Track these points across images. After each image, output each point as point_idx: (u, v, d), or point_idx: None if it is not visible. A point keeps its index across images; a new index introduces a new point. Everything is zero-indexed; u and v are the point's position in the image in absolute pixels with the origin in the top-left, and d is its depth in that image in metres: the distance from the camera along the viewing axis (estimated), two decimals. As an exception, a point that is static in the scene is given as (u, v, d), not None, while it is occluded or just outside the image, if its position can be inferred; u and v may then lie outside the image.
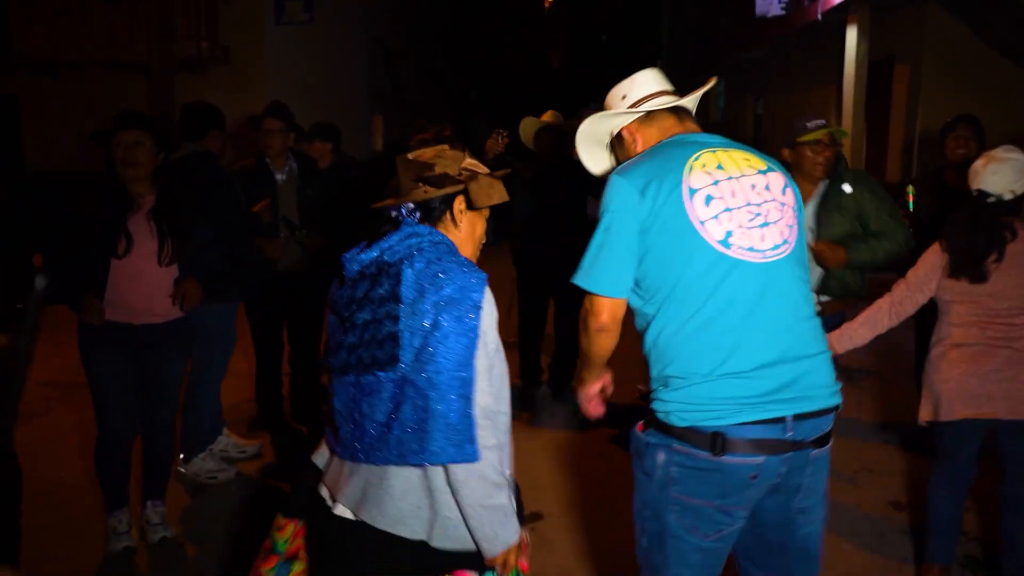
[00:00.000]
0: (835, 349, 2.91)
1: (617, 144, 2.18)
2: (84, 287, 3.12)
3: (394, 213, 1.79)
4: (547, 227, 4.89)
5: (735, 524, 1.88)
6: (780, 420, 1.79)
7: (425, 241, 1.73)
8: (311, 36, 12.44)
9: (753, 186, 1.91)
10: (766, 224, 1.89)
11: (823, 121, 3.31)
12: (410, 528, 1.70)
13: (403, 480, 1.70)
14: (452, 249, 1.77)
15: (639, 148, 2.08)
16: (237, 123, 4.33)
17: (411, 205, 1.78)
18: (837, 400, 1.90)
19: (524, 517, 1.84)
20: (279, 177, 4.38)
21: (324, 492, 1.85)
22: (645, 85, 2.14)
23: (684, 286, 1.84)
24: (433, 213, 1.80)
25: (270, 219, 4.23)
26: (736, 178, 1.91)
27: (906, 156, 10.10)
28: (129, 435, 3.33)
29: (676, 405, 1.83)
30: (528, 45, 39.91)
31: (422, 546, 1.71)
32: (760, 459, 1.79)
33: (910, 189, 3.91)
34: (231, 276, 3.93)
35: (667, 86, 2.16)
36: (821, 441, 1.88)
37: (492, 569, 1.74)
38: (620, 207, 1.89)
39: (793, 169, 3.29)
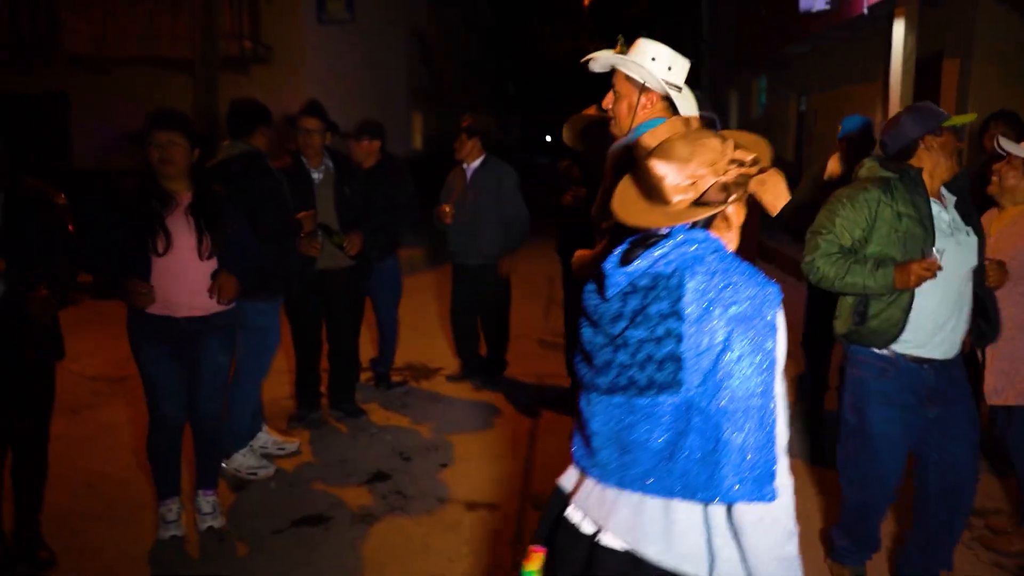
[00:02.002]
0: None
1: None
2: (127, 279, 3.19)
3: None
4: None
5: None
6: None
7: (703, 249, 1.52)
8: (351, 33, 12.54)
9: None
10: None
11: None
12: (694, 566, 1.54)
13: (687, 514, 1.54)
14: (734, 256, 1.56)
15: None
16: (277, 122, 4.36)
17: None
18: None
19: None
20: (316, 176, 4.41)
21: (576, 516, 1.69)
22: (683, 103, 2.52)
23: None
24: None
25: (312, 228, 4.27)
26: None
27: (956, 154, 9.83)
28: (178, 424, 3.40)
29: None
30: (567, 39, 39.75)
31: None
32: None
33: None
34: (274, 274, 3.98)
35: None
36: None
37: None
38: None
39: (931, 159, 2.79)
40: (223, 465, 3.94)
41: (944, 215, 2.80)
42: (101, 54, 11.25)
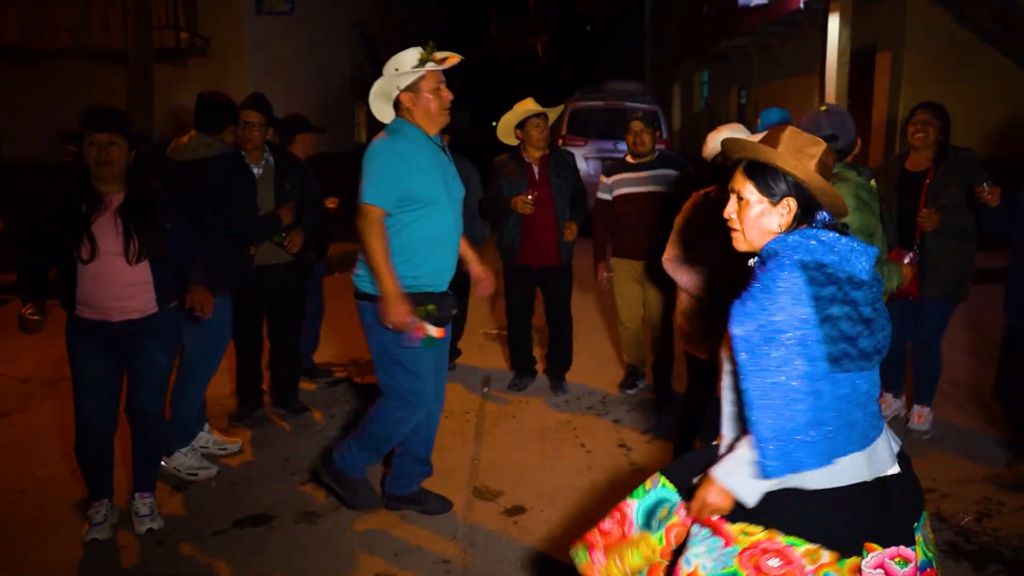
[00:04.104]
0: None
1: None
2: (56, 288, 3.10)
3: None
4: (534, 217, 4.86)
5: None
6: None
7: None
8: (292, 25, 12.33)
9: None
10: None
11: None
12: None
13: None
14: None
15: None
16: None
17: None
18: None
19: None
20: (256, 171, 4.33)
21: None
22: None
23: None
24: None
25: (291, 221, 4.25)
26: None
27: (888, 144, 10.15)
28: (105, 427, 3.30)
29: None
30: (513, 34, 39.81)
31: None
32: None
33: (871, 182, 3.91)
34: (228, 268, 3.93)
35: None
36: None
37: None
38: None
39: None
40: (163, 463, 3.85)
41: None
42: (29, 45, 10.85)
